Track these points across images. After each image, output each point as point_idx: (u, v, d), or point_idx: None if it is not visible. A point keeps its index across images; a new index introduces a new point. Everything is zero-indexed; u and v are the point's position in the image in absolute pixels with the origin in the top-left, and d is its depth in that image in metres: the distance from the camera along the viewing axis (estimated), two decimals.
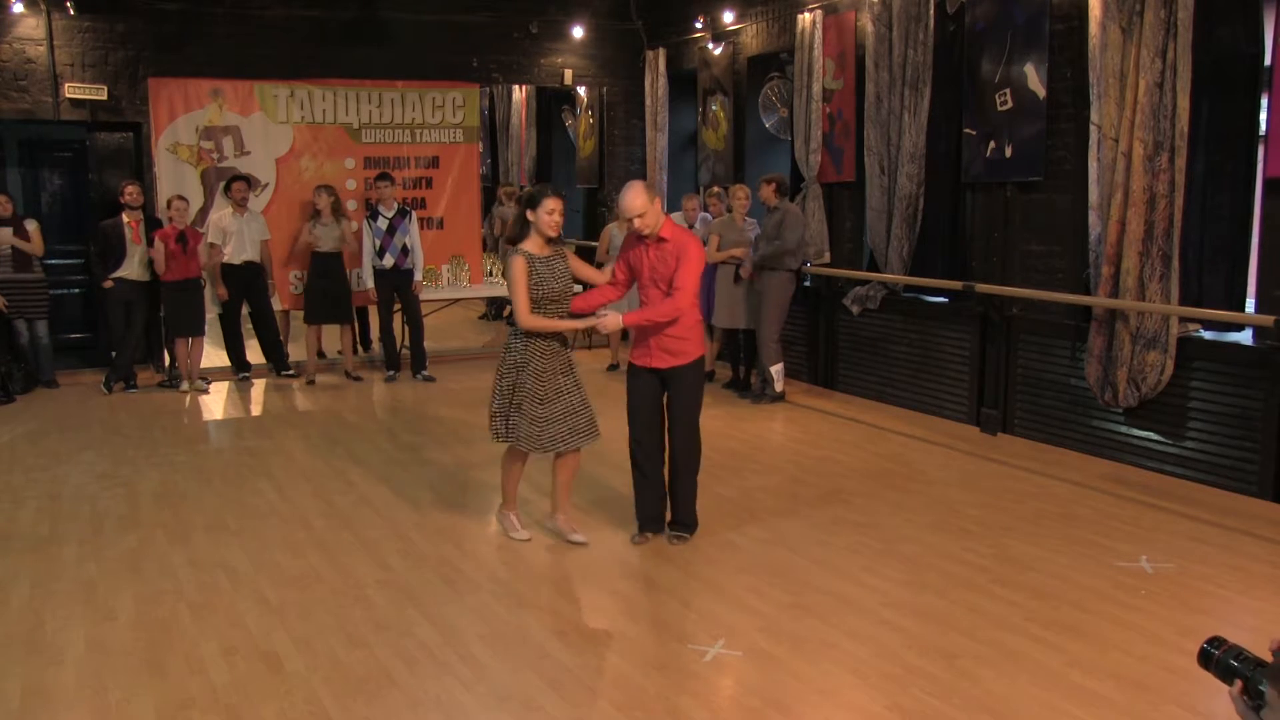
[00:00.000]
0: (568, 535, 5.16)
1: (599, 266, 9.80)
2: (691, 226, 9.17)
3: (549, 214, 4.85)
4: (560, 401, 4.93)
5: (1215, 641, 1.80)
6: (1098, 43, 6.24)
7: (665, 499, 5.20)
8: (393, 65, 10.30)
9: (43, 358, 8.96)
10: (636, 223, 4.89)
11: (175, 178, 9.49)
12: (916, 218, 7.83)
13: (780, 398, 8.37)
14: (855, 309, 8.44)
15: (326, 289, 9.15)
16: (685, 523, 5.20)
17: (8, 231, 8.59)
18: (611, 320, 4.96)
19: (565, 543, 5.15)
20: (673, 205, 10.37)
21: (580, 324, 5.10)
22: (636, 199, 4.85)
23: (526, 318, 4.84)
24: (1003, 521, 5.47)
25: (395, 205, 9.39)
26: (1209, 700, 3.55)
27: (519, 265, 4.82)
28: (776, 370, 8.28)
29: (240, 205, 9.10)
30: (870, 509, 5.70)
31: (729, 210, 8.68)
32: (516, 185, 13.70)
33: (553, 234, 4.90)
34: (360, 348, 10.44)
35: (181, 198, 8.79)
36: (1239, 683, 1.72)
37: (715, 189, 9.13)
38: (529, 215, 4.90)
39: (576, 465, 5.17)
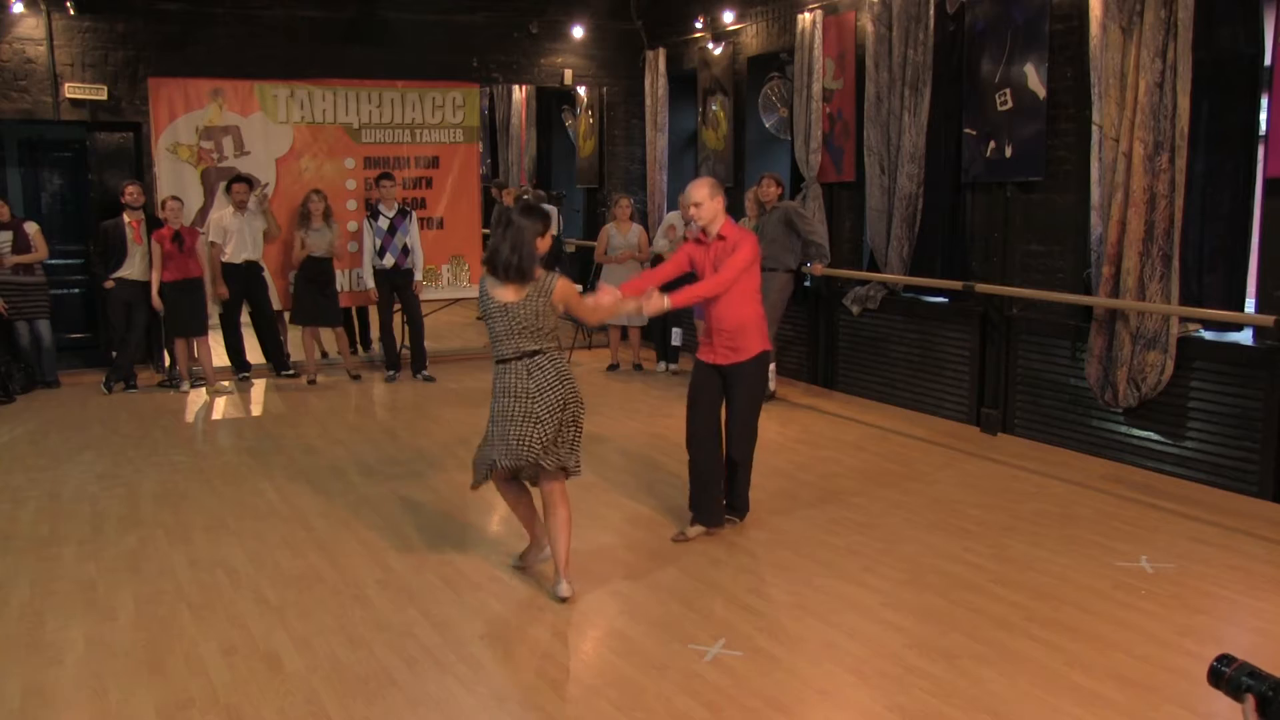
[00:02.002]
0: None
1: (598, 267, 9.86)
2: (688, 224, 9.16)
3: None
4: None
5: (1225, 659, 1.76)
6: (1098, 43, 6.24)
7: (712, 491, 5.25)
8: (393, 65, 10.30)
9: (46, 358, 8.95)
10: (691, 210, 5.14)
11: (175, 178, 9.49)
12: (916, 218, 7.83)
13: (771, 396, 8.37)
14: (855, 309, 8.44)
15: (315, 293, 9.13)
16: (738, 507, 5.39)
17: (8, 236, 8.59)
18: (656, 302, 4.90)
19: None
20: (672, 205, 10.38)
21: (631, 305, 4.92)
22: (700, 189, 5.11)
23: (596, 314, 4.79)
24: (1003, 521, 5.47)
25: (396, 205, 9.40)
26: (1209, 700, 3.54)
27: (569, 282, 4.53)
28: (769, 370, 8.28)
29: (240, 206, 9.11)
30: (870, 509, 5.70)
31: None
32: (515, 185, 13.69)
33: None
34: (360, 347, 10.45)
35: (176, 198, 8.80)
36: (1252, 699, 1.70)
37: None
38: (539, 241, 4.48)
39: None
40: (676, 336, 9.71)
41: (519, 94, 14.73)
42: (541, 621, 4.29)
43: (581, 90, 12.23)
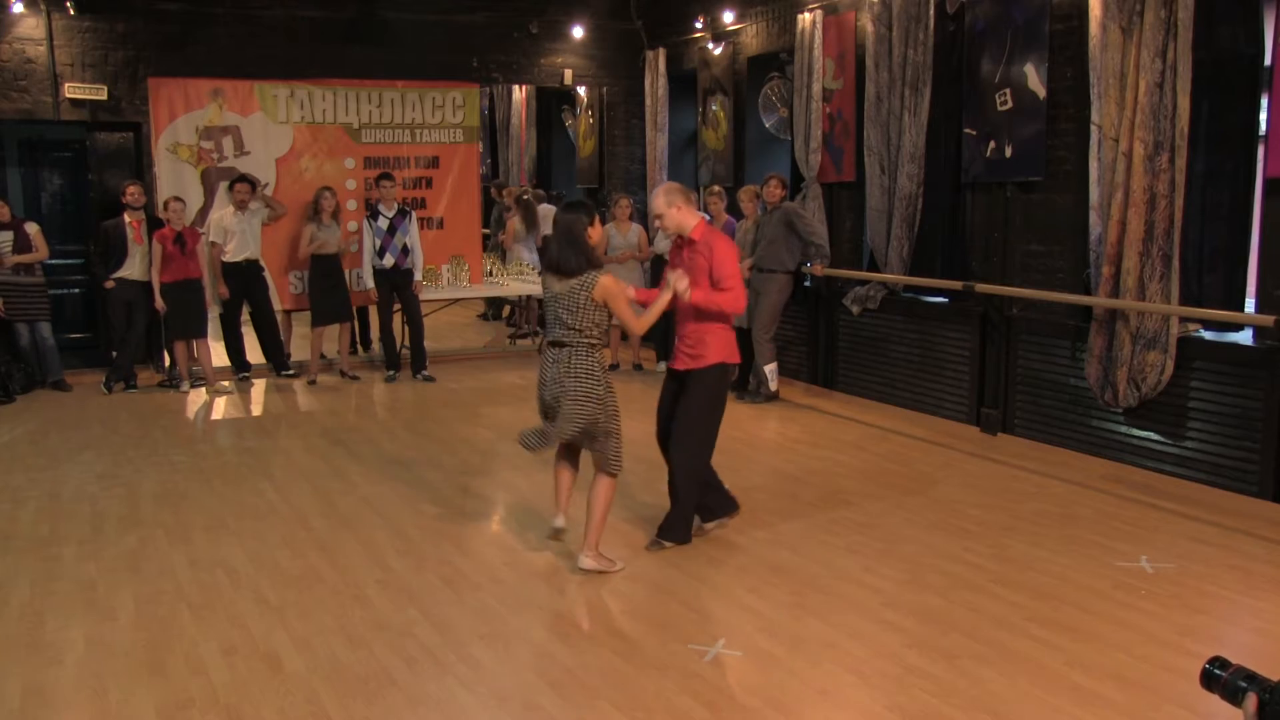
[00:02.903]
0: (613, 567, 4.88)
1: None
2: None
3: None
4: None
5: (1219, 662, 1.74)
6: (1098, 43, 6.24)
7: (711, 487, 5.20)
8: (393, 65, 10.30)
9: (49, 359, 8.92)
10: (656, 223, 5.09)
11: (175, 178, 9.49)
12: (916, 218, 7.83)
13: (774, 397, 8.38)
14: (855, 309, 8.44)
15: (329, 290, 9.17)
16: (668, 528, 5.10)
17: (8, 236, 8.58)
18: (682, 281, 4.83)
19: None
20: None
21: (665, 302, 4.87)
22: (656, 200, 5.04)
23: (640, 324, 4.79)
24: (1003, 521, 5.47)
25: (395, 205, 9.40)
26: (1209, 700, 3.51)
27: (617, 281, 4.63)
28: (770, 369, 8.29)
29: (241, 206, 9.12)
30: (870, 509, 5.70)
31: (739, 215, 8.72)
32: (515, 185, 13.68)
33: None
34: (360, 348, 10.44)
35: (178, 199, 8.80)
36: (1253, 698, 1.67)
37: (715, 189, 9.13)
38: (590, 231, 4.63)
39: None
40: None
41: (519, 94, 14.73)
42: (541, 621, 4.29)
43: (581, 90, 12.23)
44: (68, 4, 9.21)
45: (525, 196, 11.51)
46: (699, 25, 10.30)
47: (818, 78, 8.71)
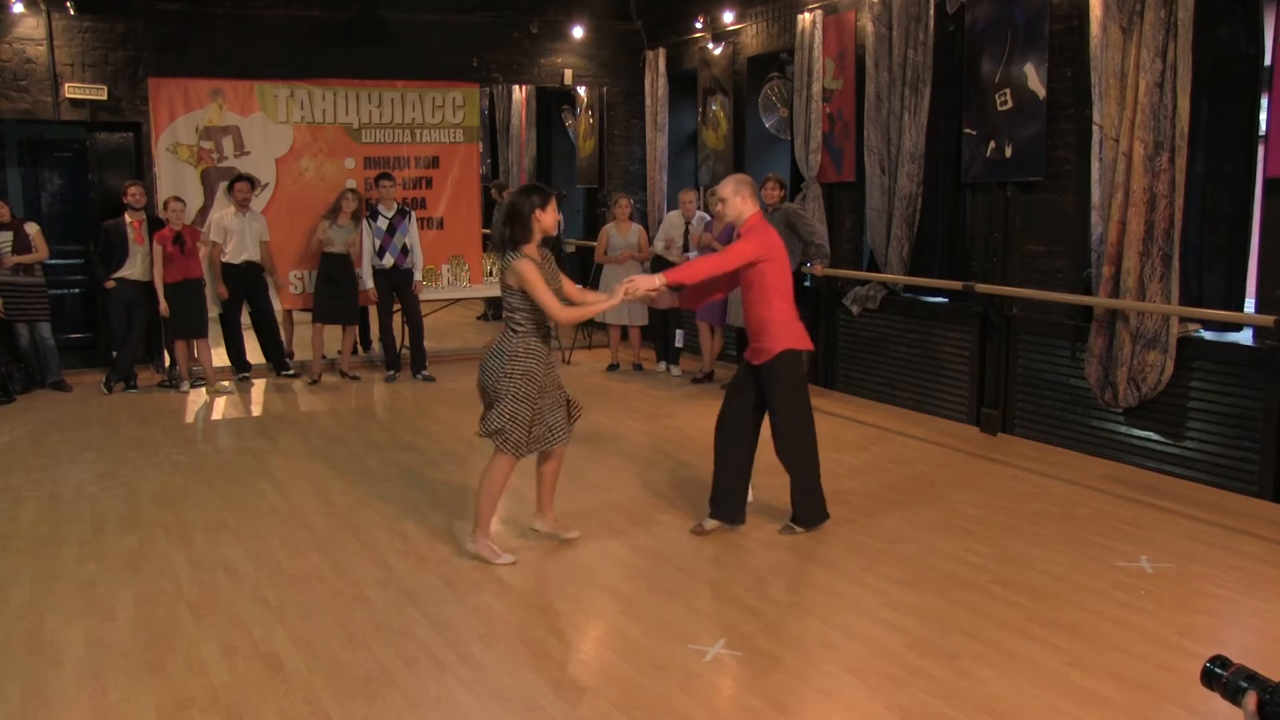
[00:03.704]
0: (562, 534, 5.17)
1: (599, 268, 9.86)
2: (689, 223, 9.21)
3: (556, 212, 4.83)
4: (546, 397, 4.85)
5: (1220, 661, 1.74)
6: (1098, 43, 6.24)
7: (731, 486, 5.29)
8: (393, 65, 10.31)
9: (49, 359, 8.92)
10: (717, 207, 5.29)
11: (175, 178, 9.49)
12: (916, 218, 7.83)
13: None
14: (855, 309, 8.44)
15: (334, 290, 9.16)
16: (797, 517, 5.30)
17: (8, 236, 8.58)
18: (642, 281, 4.91)
19: (560, 541, 5.15)
20: (672, 203, 10.39)
21: (614, 300, 4.88)
22: (725, 186, 5.17)
23: (563, 312, 4.70)
24: (1003, 521, 5.47)
25: (395, 205, 9.40)
26: (1209, 700, 3.52)
27: (531, 267, 4.63)
28: None
29: (242, 205, 9.12)
30: (870, 509, 5.70)
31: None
32: (515, 185, 13.68)
33: (554, 233, 4.90)
34: (360, 348, 10.44)
35: (178, 199, 8.79)
36: (1254, 695, 1.66)
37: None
38: (538, 214, 4.73)
39: (560, 462, 5.14)
40: (679, 338, 9.71)
41: (519, 94, 14.72)
42: (541, 621, 4.29)
43: (581, 90, 12.24)
44: (68, 4, 9.21)
45: None
46: (699, 25, 10.30)
47: (818, 78, 8.71)
